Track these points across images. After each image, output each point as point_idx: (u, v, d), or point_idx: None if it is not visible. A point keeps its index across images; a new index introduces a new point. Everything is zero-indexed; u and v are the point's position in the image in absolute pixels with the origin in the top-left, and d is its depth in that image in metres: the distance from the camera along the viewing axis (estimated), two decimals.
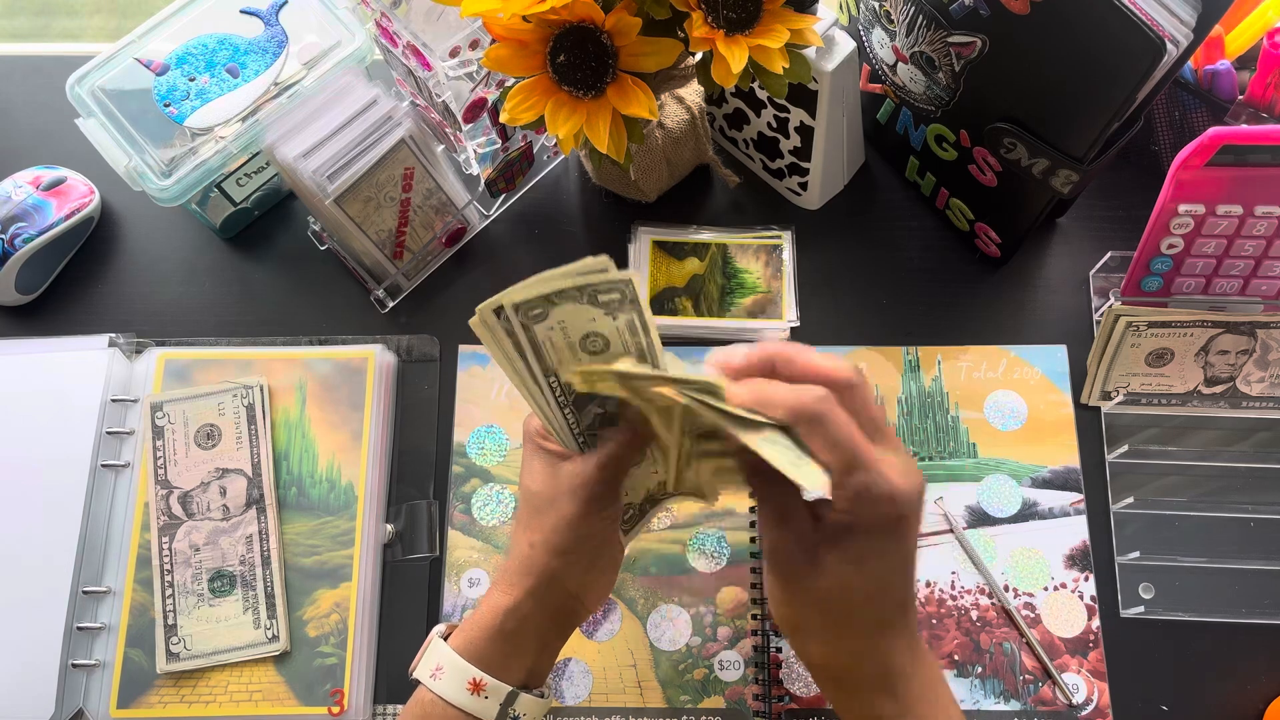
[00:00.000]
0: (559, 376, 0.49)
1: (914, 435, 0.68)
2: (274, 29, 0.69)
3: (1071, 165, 0.58)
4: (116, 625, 0.63)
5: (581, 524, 0.52)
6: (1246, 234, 0.61)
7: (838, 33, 0.61)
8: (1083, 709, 0.61)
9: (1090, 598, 0.63)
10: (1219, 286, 0.65)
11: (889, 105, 0.70)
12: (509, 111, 0.55)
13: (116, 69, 0.67)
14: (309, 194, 0.65)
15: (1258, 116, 0.64)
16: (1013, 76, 0.58)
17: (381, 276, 0.71)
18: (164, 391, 0.67)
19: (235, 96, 0.67)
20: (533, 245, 0.75)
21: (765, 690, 0.62)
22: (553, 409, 0.51)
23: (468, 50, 0.61)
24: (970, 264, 0.73)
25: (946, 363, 0.70)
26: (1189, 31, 0.50)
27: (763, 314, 0.70)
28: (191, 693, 0.62)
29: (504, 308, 0.44)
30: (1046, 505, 0.66)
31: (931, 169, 0.70)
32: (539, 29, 0.52)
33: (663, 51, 0.54)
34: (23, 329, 0.72)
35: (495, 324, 0.46)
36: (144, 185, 0.65)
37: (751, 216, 0.74)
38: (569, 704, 0.62)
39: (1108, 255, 0.70)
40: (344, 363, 0.68)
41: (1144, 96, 0.54)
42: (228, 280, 0.74)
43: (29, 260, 0.71)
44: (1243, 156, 0.56)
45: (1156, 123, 0.70)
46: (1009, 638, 0.63)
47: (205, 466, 0.66)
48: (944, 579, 0.64)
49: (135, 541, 0.65)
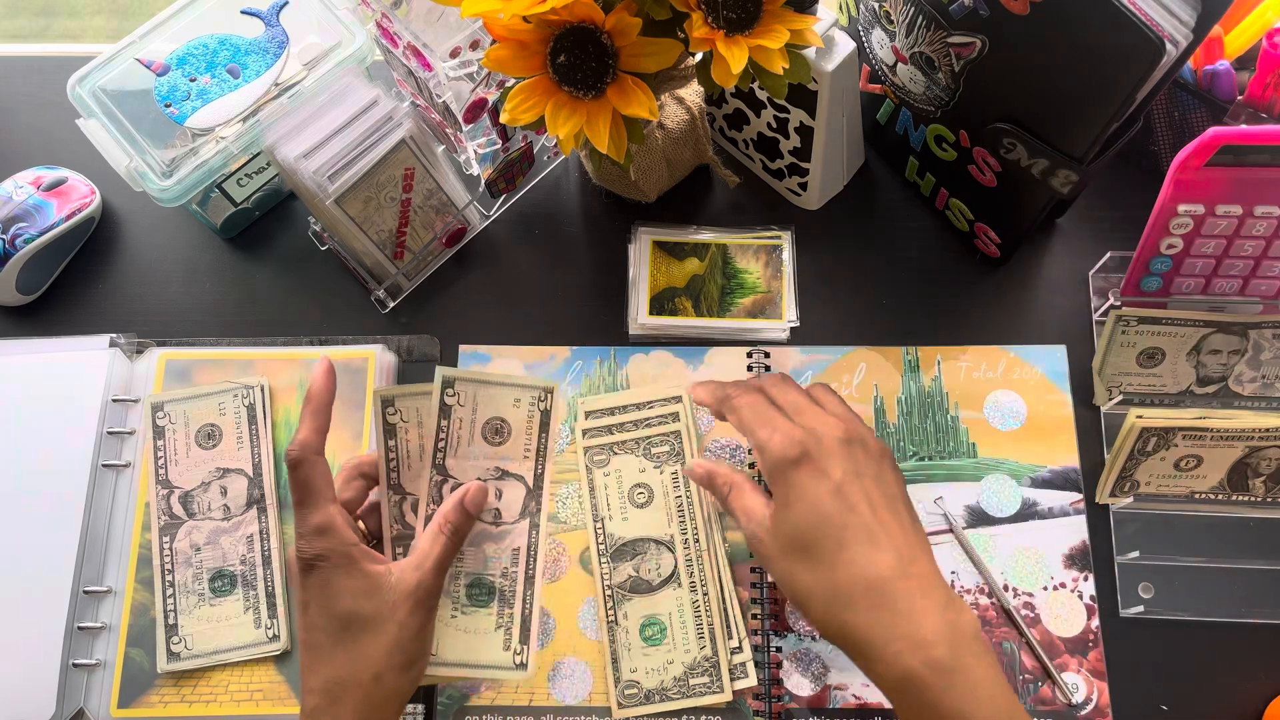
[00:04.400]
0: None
1: (914, 435, 0.68)
2: (275, 29, 0.69)
3: (1071, 165, 0.58)
4: (117, 625, 0.63)
5: (425, 633, 0.52)
6: (1246, 234, 0.61)
7: (838, 33, 0.61)
8: (1082, 708, 0.61)
9: (1090, 597, 0.63)
10: (1218, 287, 0.65)
11: (889, 105, 0.70)
12: (509, 112, 0.55)
13: (117, 69, 0.67)
14: (309, 194, 0.65)
15: (1257, 117, 0.64)
16: (1012, 77, 0.58)
17: (382, 277, 0.71)
18: (165, 391, 0.68)
19: (236, 97, 0.67)
20: (533, 245, 0.75)
21: (765, 690, 0.62)
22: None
23: (468, 51, 0.61)
24: (970, 264, 0.73)
25: (946, 363, 0.70)
26: (1188, 32, 0.50)
27: (763, 314, 0.70)
28: (192, 692, 0.62)
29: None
30: (1046, 505, 0.66)
31: (931, 169, 0.70)
32: (539, 29, 0.52)
33: (663, 52, 0.54)
34: (24, 329, 0.72)
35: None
36: (145, 186, 0.65)
37: (751, 217, 0.75)
38: (569, 704, 0.62)
39: (1107, 255, 0.70)
40: (344, 363, 0.68)
41: (1143, 97, 0.54)
42: (228, 280, 0.74)
43: (30, 260, 0.71)
44: (1242, 157, 0.56)
45: (1156, 123, 0.70)
46: (1008, 637, 0.63)
47: (206, 466, 0.66)
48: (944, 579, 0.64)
49: (136, 541, 0.65)
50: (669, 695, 0.61)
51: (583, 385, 0.69)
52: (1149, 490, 0.64)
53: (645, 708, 0.61)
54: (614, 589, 0.61)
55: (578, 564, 0.65)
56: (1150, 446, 0.62)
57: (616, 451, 0.63)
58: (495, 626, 0.59)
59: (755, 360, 0.70)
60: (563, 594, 0.64)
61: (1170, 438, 0.61)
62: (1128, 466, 0.63)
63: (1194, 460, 0.62)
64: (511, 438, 0.60)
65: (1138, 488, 0.64)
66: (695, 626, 0.61)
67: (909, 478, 0.66)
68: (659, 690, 0.61)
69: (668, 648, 0.60)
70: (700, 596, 0.62)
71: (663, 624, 0.59)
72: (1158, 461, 0.63)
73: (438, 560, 0.53)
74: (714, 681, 0.61)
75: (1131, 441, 0.61)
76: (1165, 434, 0.61)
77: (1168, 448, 0.62)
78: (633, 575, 0.61)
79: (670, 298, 0.71)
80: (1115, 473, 0.63)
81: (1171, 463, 0.63)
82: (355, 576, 0.51)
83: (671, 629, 0.60)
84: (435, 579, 0.53)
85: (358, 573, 0.51)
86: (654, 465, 0.64)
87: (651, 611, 0.60)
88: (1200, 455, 0.62)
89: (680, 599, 0.61)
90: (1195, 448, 0.62)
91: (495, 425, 0.59)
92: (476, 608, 0.59)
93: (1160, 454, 0.62)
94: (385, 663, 0.50)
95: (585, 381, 0.70)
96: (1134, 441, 0.61)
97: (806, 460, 0.52)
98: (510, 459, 0.60)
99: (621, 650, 0.61)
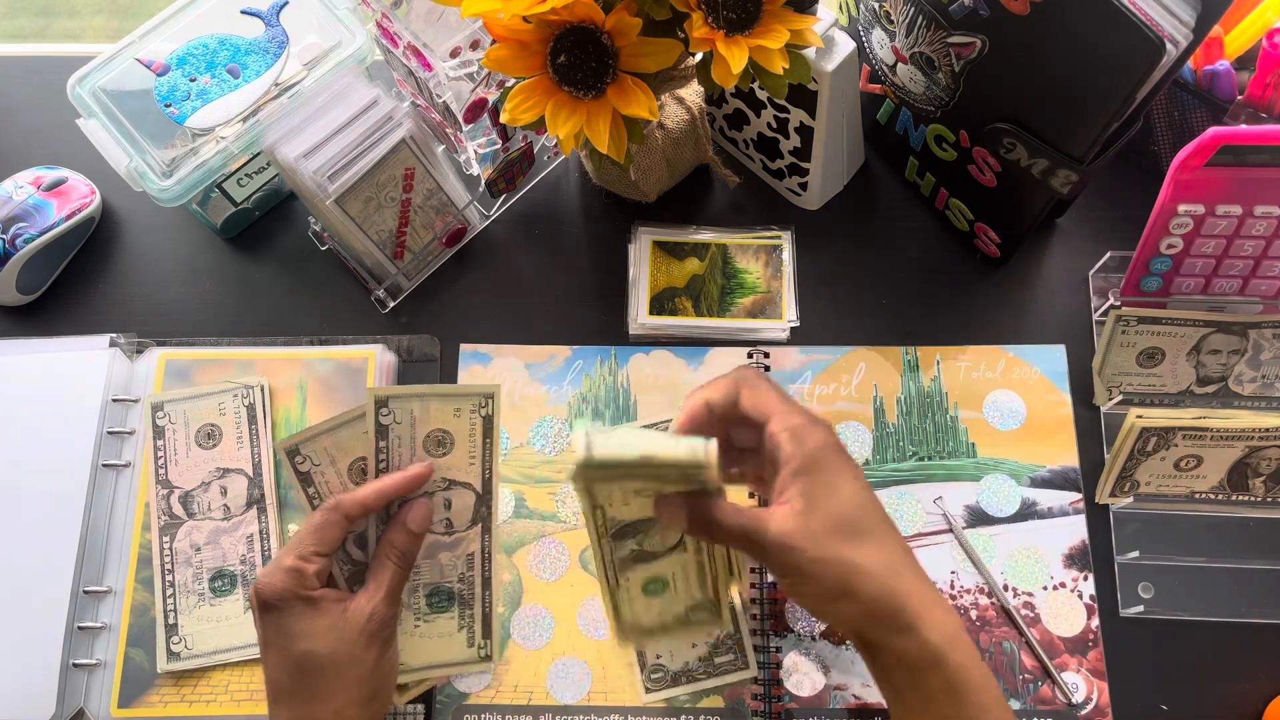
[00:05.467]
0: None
1: (913, 435, 0.68)
2: (275, 29, 0.69)
3: (1071, 165, 0.58)
4: (117, 625, 0.63)
5: (384, 663, 0.53)
6: (1245, 234, 0.61)
7: (838, 33, 0.61)
8: (1082, 708, 0.61)
9: (1090, 597, 0.63)
10: (1218, 286, 0.65)
11: (889, 105, 0.70)
12: (509, 112, 0.55)
13: (117, 69, 0.67)
14: (309, 194, 0.65)
15: (1257, 117, 0.64)
16: (1012, 77, 0.58)
17: (382, 276, 0.71)
18: (165, 391, 0.68)
19: (236, 97, 0.67)
20: (533, 245, 0.75)
21: (765, 690, 0.62)
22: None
23: (468, 51, 0.61)
24: (970, 264, 0.73)
25: (946, 363, 0.70)
26: (1188, 32, 0.50)
27: (763, 314, 0.70)
28: (192, 692, 0.62)
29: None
30: (1046, 505, 0.66)
31: (931, 169, 0.70)
32: (539, 29, 0.52)
33: (663, 52, 0.54)
34: (24, 329, 0.72)
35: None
36: (145, 186, 0.65)
37: (751, 216, 0.75)
38: (568, 703, 0.62)
39: (1107, 255, 0.70)
40: (344, 363, 0.68)
41: (1143, 97, 0.54)
42: (228, 280, 0.74)
43: (30, 260, 0.71)
44: (1242, 157, 0.56)
45: (1156, 123, 0.70)
46: (1008, 637, 0.63)
47: (206, 466, 0.66)
48: (943, 578, 0.64)
49: (136, 541, 0.65)
50: (695, 676, 0.61)
51: (583, 384, 0.70)
52: (1149, 490, 0.64)
53: (674, 690, 0.61)
54: (616, 562, 0.60)
55: (577, 564, 0.65)
56: (1150, 446, 0.62)
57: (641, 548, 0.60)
58: (459, 628, 0.61)
59: (755, 360, 0.70)
60: (562, 593, 0.64)
61: (1170, 438, 0.61)
62: (1128, 466, 0.63)
63: (1194, 460, 0.62)
64: (455, 447, 0.59)
65: (1138, 488, 0.64)
66: (698, 575, 0.59)
67: (909, 477, 0.66)
68: (685, 672, 0.61)
69: (669, 595, 0.58)
70: (705, 557, 0.59)
71: (665, 580, 0.58)
72: (1158, 461, 0.63)
73: (389, 589, 0.54)
74: (739, 658, 0.62)
75: (1131, 441, 0.61)
76: (1165, 434, 0.61)
77: (1168, 448, 0.62)
78: (635, 549, 0.59)
79: (670, 298, 0.71)
80: (1115, 473, 0.63)
81: (1171, 463, 0.63)
82: (310, 618, 0.51)
83: (674, 582, 0.58)
84: (388, 608, 0.54)
85: (312, 613, 0.51)
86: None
87: (654, 574, 0.58)
88: (1200, 455, 0.62)
89: (684, 561, 0.59)
90: (1195, 448, 0.62)
91: (437, 437, 0.59)
92: (438, 614, 0.60)
93: (1160, 454, 0.62)
94: (345, 699, 0.51)
95: (586, 381, 0.70)
96: (1134, 441, 0.61)
97: (841, 446, 0.51)
98: (456, 469, 0.60)
99: (622, 600, 0.58)
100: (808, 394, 0.69)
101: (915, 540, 0.65)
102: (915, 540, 0.65)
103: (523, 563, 0.65)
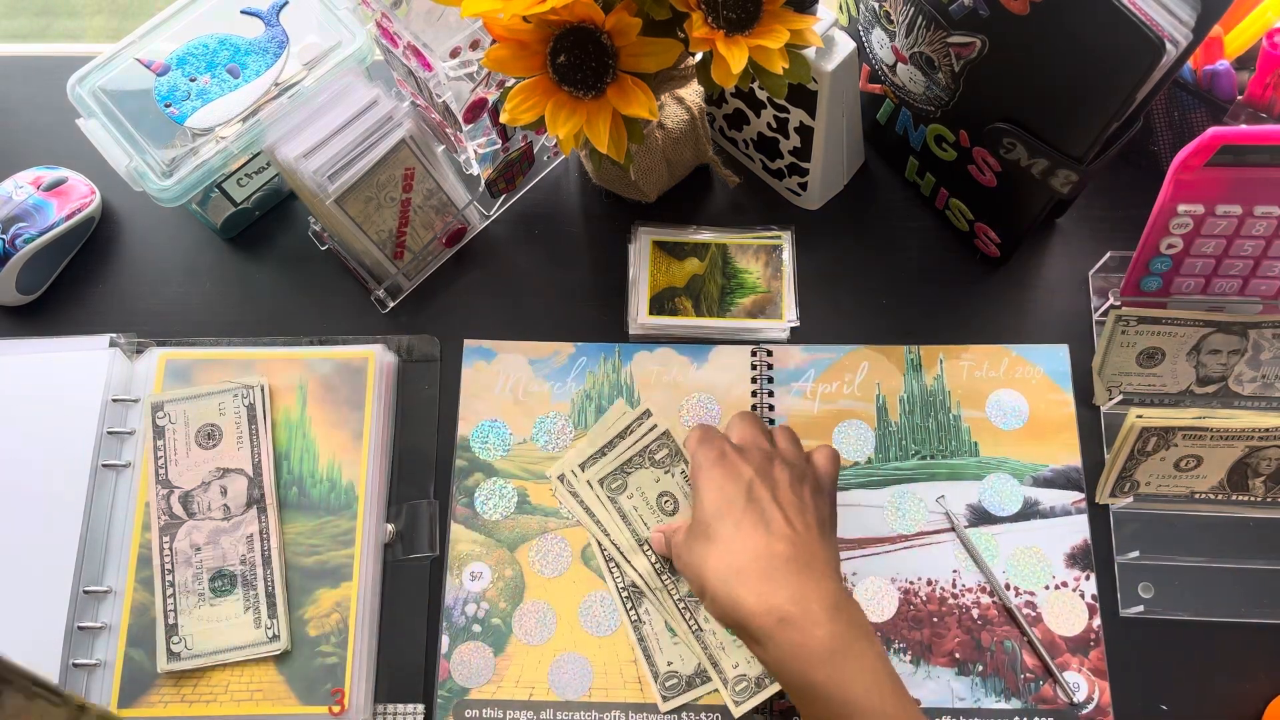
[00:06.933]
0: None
1: (916, 434, 0.68)
2: (275, 29, 0.69)
3: (1071, 165, 0.59)
4: (117, 625, 0.63)
5: None
6: (1245, 234, 0.61)
7: (837, 33, 0.61)
8: (1083, 708, 0.61)
9: (1091, 597, 0.63)
10: (1218, 286, 0.65)
11: (889, 105, 0.70)
12: (509, 112, 0.55)
13: (117, 69, 0.67)
14: (309, 194, 0.65)
15: (1257, 117, 0.64)
16: (1012, 77, 0.58)
17: (382, 276, 0.71)
18: (165, 391, 0.68)
19: (236, 97, 0.67)
20: (533, 245, 0.75)
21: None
22: None
23: (468, 51, 0.61)
24: (970, 264, 0.73)
25: (948, 362, 0.70)
26: (1188, 32, 0.50)
27: (763, 314, 0.70)
28: (192, 692, 0.62)
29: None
30: (1048, 504, 0.66)
31: (931, 169, 0.70)
32: (539, 29, 0.52)
33: (663, 52, 0.54)
34: (23, 329, 0.72)
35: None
36: (145, 186, 0.65)
37: (751, 216, 0.75)
38: (569, 699, 0.62)
39: (1107, 255, 0.70)
40: (344, 363, 0.68)
41: (1143, 97, 0.54)
42: (228, 280, 0.74)
43: (30, 260, 0.71)
44: (1242, 156, 0.56)
45: (1156, 123, 0.70)
46: (1010, 636, 0.63)
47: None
48: (945, 577, 0.64)
49: (136, 541, 0.65)
50: (707, 677, 0.61)
51: (587, 381, 0.70)
52: (1149, 490, 0.64)
53: (689, 694, 0.61)
54: (629, 586, 0.64)
55: (579, 560, 0.65)
56: (1150, 446, 0.62)
57: (628, 470, 0.66)
58: (244, 610, 0.63)
59: (759, 359, 0.70)
60: (564, 589, 0.64)
61: (1170, 438, 0.61)
62: (1128, 466, 0.63)
63: (1194, 460, 0.62)
64: (224, 438, 0.66)
65: (1138, 488, 0.64)
66: None
67: (911, 476, 0.66)
68: (698, 674, 0.62)
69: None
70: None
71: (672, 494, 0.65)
72: (1158, 461, 0.63)
73: None
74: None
75: (1131, 441, 0.61)
76: (1165, 434, 0.61)
77: (1168, 448, 0.62)
78: (655, 564, 0.64)
79: (670, 298, 0.71)
80: (1115, 473, 0.63)
81: (1171, 463, 0.63)
82: None
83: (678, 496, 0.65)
84: None
85: None
86: (664, 471, 0.66)
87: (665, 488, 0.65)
88: (1200, 455, 0.62)
89: None
90: (1195, 448, 0.62)
91: (207, 431, 0.66)
92: (222, 597, 0.63)
93: (1160, 454, 0.62)
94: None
95: (589, 378, 0.70)
96: (1134, 441, 0.61)
97: (723, 460, 0.57)
98: (226, 456, 0.66)
99: (652, 645, 0.63)
100: (810, 392, 0.69)
101: (917, 539, 0.65)
102: (917, 539, 0.65)
103: (524, 558, 0.65)
